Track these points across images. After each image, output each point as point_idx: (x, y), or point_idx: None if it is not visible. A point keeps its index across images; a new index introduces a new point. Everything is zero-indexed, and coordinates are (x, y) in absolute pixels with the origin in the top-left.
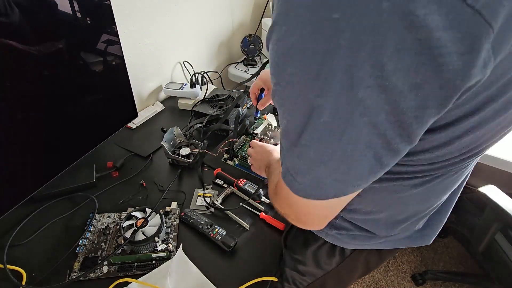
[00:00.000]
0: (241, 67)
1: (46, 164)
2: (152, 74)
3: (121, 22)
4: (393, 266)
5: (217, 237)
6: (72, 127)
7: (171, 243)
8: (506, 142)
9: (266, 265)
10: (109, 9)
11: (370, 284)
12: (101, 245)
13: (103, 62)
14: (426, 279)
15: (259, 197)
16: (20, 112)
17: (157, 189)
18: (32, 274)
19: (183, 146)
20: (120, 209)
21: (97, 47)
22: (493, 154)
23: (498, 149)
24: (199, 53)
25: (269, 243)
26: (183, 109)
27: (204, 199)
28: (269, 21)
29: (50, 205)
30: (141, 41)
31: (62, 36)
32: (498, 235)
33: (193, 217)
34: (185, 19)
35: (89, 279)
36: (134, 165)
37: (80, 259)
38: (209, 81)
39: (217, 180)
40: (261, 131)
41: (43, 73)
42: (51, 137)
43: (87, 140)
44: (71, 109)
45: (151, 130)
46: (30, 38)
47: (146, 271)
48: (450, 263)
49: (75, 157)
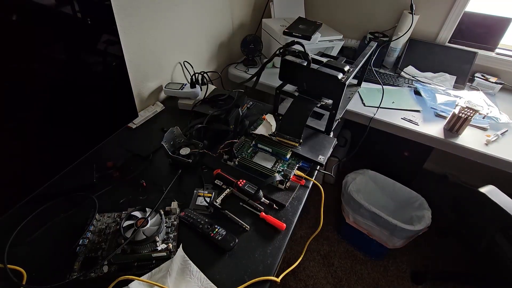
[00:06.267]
0: (241, 67)
1: (46, 164)
2: (152, 74)
3: (121, 22)
4: (393, 266)
5: (217, 237)
6: (72, 127)
7: (171, 243)
8: (506, 141)
9: (266, 265)
10: (109, 9)
11: (370, 284)
12: (101, 244)
13: (103, 62)
14: (426, 279)
15: (259, 198)
16: (20, 112)
17: (157, 189)
18: (33, 273)
19: (183, 146)
20: (120, 209)
21: (97, 47)
22: (493, 154)
23: (498, 149)
24: (199, 53)
25: (269, 243)
26: (183, 109)
27: (204, 199)
28: (269, 21)
29: (50, 205)
30: (141, 41)
31: (62, 36)
32: (498, 235)
33: (193, 217)
34: (185, 20)
35: (89, 279)
36: (134, 165)
37: (80, 259)
38: (209, 81)
39: (216, 181)
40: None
41: (43, 73)
42: (51, 137)
43: (87, 140)
44: (71, 109)
45: (151, 130)
46: (30, 38)
47: (146, 271)
48: (450, 263)
49: (75, 157)
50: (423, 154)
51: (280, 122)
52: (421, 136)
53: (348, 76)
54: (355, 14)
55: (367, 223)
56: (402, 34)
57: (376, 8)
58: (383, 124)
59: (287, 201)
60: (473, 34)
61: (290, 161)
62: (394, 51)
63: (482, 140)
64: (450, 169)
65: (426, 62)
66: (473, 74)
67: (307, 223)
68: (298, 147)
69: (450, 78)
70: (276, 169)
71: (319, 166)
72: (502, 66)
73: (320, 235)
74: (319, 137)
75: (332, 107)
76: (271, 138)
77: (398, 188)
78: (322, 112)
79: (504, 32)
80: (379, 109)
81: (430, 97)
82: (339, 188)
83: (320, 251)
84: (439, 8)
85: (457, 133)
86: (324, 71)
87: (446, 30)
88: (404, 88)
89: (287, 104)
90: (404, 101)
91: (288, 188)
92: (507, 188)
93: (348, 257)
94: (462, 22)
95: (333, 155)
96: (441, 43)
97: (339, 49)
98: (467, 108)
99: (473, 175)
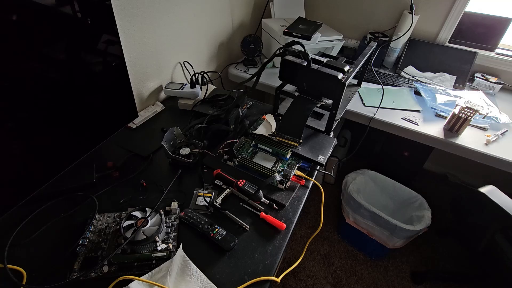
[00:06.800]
0: (241, 67)
1: (46, 164)
2: (152, 74)
3: (121, 22)
4: (393, 266)
5: (217, 237)
6: (72, 127)
7: (171, 242)
8: (506, 141)
9: (266, 265)
10: (109, 9)
11: (370, 284)
12: (101, 244)
13: (103, 62)
14: (426, 279)
15: (259, 198)
16: (21, 112)
17: (157, 189)
18: (33, 273)
19: (183, 146)
20: (120, 209)
21: (97, 47)
22: (493, 154)
23: (498, 149)
24: (199, 53)
25: (269, 243)
26: (183, 109)
27: (204, 199)
28: (269, 21)
29: (50, 205)
30: (141, 41)
31: (62, 36)
32: (498, 235)
33: (193, 217)
34: (185, 19)
35: (89, 279)
36: (134, 165)
37: (80, 259)
38: (209, 81)
39: (216, 181)
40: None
41: (44, 73)
42: (51, 137)
43: (87, 140)
44: (71, 109)
45: (151, 130)
46: (30, 38)
47: (146, 271)
48: (450, 263)
49: (75, 157)
50: (423, 154)
51: (280, 122)
52: (421, 136)
53: (348, 76)
54: (355, 14)
55: (367, 223)
56: (402, 34)
57: (376, 8)
58: (383, 124)
59: (287, 201)
60: (473, 34)
61: (290, 161)
62: (394, 51)
63: (482, 140)
64: (450, 169)
65: (426, 62)
66: (473, 74)
67: (307, 223)
68: (298, 147)
69: (450, 78)
70: (276, 169)
71: (319, 166)
72: (502, 66)
73: (320, 235)
74: (319, 137)
75: (332, 107)
76: (271, 138)
77: (398, 188)
78: (322, 112)
79: (504, 32)
80: (379, 109)
81: (430, 97)
82: (339, 188)
83: (320, 251)
84: (439, 8)
85: (457, 133)
86: (324, 71)
87: (446, 30)
88: (404, 88)
89: (287, 104)
90: (404, 101)
91: (288, 188)
92: (507, 188)
93: (348, 257)
94: (462, 22)
95: (333, 155)
96: (441, 43)
97: (339, 49)
98: (467, 108)
99: (473, 175)
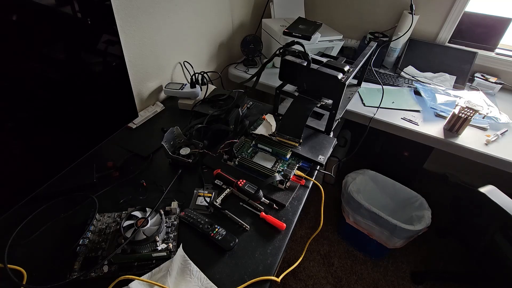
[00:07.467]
0: (241, 67)
1: (46, 164)
2: (152, 74)
3: (121, 22)
4: (393, 266)
5: (217, 237)
6: (72, 127)
7: (171, 242)
8: (506, 141)
9: (266, 265)
10: (109, 9)
11: (370, 284)
12: (101, 244)
13: (103, 62)
14: (426, 279)
15: (259, 198)
16: (21, 112)
17: (157, 189)
18: (33, 273)
19: (183, 146)
20: (120, 208)
21: (97, 47)
22: (493, 154)
23: (498, 149)
24: (199, 53)
25: (269, 243)
26: (183, 109)
27: (204, 199)
28: (269, 21)
29: (50, 205)
30: (141, 41)
31: (62, 36)
32: (498, 235)
33: (193, 217)
34: (185, 20)
35: (89, 279)
36: (134, 165)
37: (80, 258)
38: (209, 81)
39: (216, 181)
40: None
41: (44, 73)
42: (51, 137)
43: (87, 140)
44: (71, 109)
45: (151, 130)
46: (30, 38)
47: (146, 271)
48: (450, 263)
49: (75, 157)
50: (423, 154)
51: (280, 122)
52: (421, 136)
53: (348, 76)
54: (355, 14)
55: (367, 223)
56: (402, 34)
57: (376, 8)
58: (383, 124)
59: (287, 201)
60: (473, 34)
61: (290, 161)
62: (394, 51)
63: (482, 140)
64: (450, 169)
65: (426, 62)
66: (473, 74)
67: (307, 223)
68: (298, 147)
69: (450, 78)
70: (276, 169)
71: (319, 166)
72: (502, 66)
73: (320, 235)
74: (319, 137)
75: (332, 107)
76: (271, 138)
77: (398, 188)
78: (322, 112)
79: (504, 32)
80: (379, 109)
81: (430, 97)
82: (339, 188)
83: (320, 251)
84: (439, 8)
85: (457, 133)
86: (324, 71)
87: (446, 30)
88: (404, 88)
89: (287, 104)
90: (404, 101)
91: (288, 188)
92: (507, 188)
93: (348, 257)
94: (462, 22)
95: (333, 155)
96: (441, 43)
97: (339, 49)
98: (467, 108)
99: (473, 175)
